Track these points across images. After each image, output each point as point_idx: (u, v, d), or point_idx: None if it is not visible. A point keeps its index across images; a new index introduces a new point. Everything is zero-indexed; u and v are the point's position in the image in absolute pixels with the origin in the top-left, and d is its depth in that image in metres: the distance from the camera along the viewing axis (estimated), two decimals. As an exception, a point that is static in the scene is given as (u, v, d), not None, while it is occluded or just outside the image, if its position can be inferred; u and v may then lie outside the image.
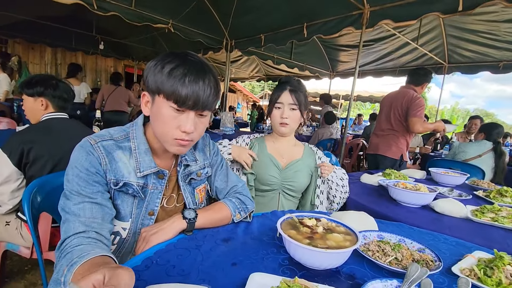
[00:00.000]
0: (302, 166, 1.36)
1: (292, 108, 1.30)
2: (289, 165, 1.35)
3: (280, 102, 1.30)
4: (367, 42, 4.99)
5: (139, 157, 0.80)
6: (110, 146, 0.78)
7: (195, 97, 0.71)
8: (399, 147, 2.56)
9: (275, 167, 1.33)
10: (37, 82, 1.45)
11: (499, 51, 4.33)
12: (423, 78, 2.53)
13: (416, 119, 2.36)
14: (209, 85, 0.73)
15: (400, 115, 2.52)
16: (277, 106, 1.31)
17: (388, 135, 2.62)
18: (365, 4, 2.96)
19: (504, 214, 1.18)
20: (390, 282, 0.62)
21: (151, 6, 3.62)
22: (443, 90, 5.77)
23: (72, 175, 0.71)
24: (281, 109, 1.30)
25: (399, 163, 2.57)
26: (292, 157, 1.38)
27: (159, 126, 0.76)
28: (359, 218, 0.95)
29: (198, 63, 0.74)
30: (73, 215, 0.68)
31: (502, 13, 3.52)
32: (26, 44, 6.99)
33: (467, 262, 0.75)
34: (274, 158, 1.35)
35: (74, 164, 0.72)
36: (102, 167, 0.75)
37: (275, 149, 1.38)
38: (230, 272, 0.64)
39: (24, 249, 1.37)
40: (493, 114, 33.26)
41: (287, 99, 1.29)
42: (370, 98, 10.02)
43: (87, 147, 0.74)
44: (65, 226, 0.67)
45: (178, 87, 0.70)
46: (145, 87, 0.78)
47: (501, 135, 2.64)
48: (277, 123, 1.33)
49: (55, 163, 1.34)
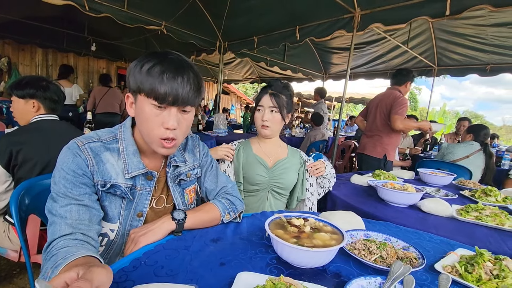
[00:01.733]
0: (289, 164, 1.40)
1: (272, 111, 1.33)
2: (276, 163, 1.38)
3: (260, 105, 1.34)
4: (359, 45, 5.06)
5: (127, 158, 0.80)
6: (98, 148, 0.78)
7: (175, 93, 0.72)
8: (383, 147, 2.66)
9: (262, 166, 1.36)
10: (27, 84, 1.43)
11: (486, 54, 4.44)
12: (405, 77, 2.64)
13: (396, 116, 2.45)
14: (188, 81, 0.74)
15: (385, 115, 2.62)
16: (258, 108, 1.35)
17: (374, 136, 2.72)
18: (356, 7, 3.01)
19: (487, 213, 1.22)
20: (374, 279, 0.63)
21: (144, 8, 3.60)
22: (433, 93, 5.90)
23: (58, 177, 0.71)
24: (262, 112, 1.34)
25: (383, 163, 2.66)
26: (278, 157, 1.42)
27: (143, 126, 0.77)
28: (347, 218, 0.97)
29: (176, 61, 0.75)
30: (60, 217, 0.68)
31: (489, 17, 3.62)
32: (16, 45, 6.86)
33: (449, 259, 0.77)
34: (261, 158, 1.38)
35: (61, 166, 0.72)
36: (89, 168, 0.75)
37: (261, 150, 1.42)
38: (218, 272, 0.64)
39: (12, 253, 1.35)
40: (482, 115, 34.02)
41: (267, 102, 1.33)
42: (362, 100, 10.13)
43: (74, 149, 0.74)
44: (51, 229, 0.67)
45: (157, 85, 0.71)
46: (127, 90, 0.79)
47: (488, 136, 2.71)
48: (259, 125, 1.36)
49: (44, 165, 1.33)
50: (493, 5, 2.20)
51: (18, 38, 6.33)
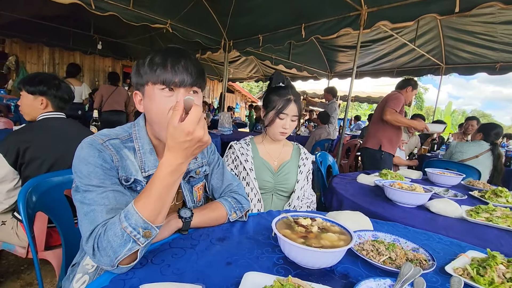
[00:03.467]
0: (292, 167, 1.41)
1: (293, 120, 1.34)
2: (281, 167, 1.39)
3: (285, 113, 1.31)
4: (365, 43, 5.01)
5: (144, 157, 0.81)
6: (118, 145, 0.78)
7: (180, 74, 0.74)
8: (378, 138, 2.78)
9: (268, 171, 1.36)
10: (41, 81, 1.44)
11: (496, 52, 4.36)
12: (407, 83, 2.79)
13: (386, 108, 2.60)
14: (191, 63, 0.76)
15: (381, 110, 2.73)
16: (281, 117, 1.32)
17: (370, 130, 2.93)
18: (362, 5, 2.97)
19: (498, 214, 1.19)
20: (384, 281, 0.62)
21: (149, 6, 3.62)
22: (440, 91, 5.81)
23: (87, 172, 0.69)
24: (285, 120, 1.32)
25: (380, 155, 2.75)
26: (282, 159, 1.42)
27: (153, 114, 0.77)
28: (354, 218, 0.96)
29: (176, 49, 0.78)
30: (98, 205, 0.67)
31: (498, 14, 3.55)
32: (23, 44, 6.96)
33: (460, 261, 0.75)
34: (266, 161, 1.38)
35: (87, 161, 0.70)
36: (115, 163, 0.75)
37: (266, 152, 1.42)
38: (225, 271, 0.64)
39: (20, 249, 1.37)
40: (490, 115, 33.56)
41: (292, 111, 1.32)
42: (367, 98, 10.05)
43: (97, 145, 0.73)
44: (89, 217, 0.65)
45: (162, 70, 0.73)
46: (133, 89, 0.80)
47: (500, 136, 2.66)
48: (277, 132, 1.35)
49: (51, 163, 1.34)
50: (504, 2, 2.16)
51: (25, 37, 6.43)
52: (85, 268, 0.80)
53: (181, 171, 0.64)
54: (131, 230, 0.60)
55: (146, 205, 0.62)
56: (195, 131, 0.59)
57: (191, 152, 0.63)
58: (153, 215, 0.63)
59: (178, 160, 0.62)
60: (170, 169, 0.62)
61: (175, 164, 0.62)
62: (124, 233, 0.60)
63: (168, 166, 0.62)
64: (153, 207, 0.62)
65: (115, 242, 0.60)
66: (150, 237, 0.63)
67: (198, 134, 0.60)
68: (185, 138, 0.60)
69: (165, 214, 0.67)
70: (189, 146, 0.61)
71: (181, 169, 0.64)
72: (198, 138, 0.60)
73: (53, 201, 1.06)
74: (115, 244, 0.59)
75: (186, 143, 0.60)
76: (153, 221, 0.63)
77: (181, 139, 0.60)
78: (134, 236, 0.60)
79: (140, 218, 0.61)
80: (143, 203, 0.62)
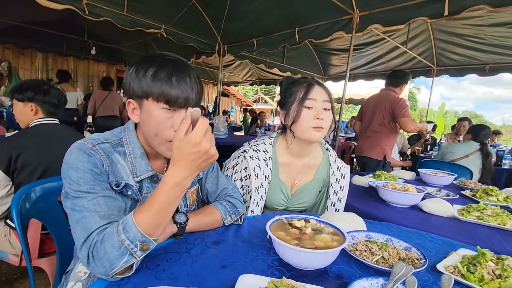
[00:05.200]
0: (312, 187, 1.22)
1: (326, 108, 1.05)
2: (298, 190, 1.20)
3: (312, 98, 1.02)
4: (358, 46, 5.08)
5: (135, 161, 0.80)
6: (108, 149, 0.77)
7: (185, 95, 0.73)
8: (382, 148, 2.67)
9: (282, 193, 1.19)
10: (28, 88, 1.44)
11: (485, 54, 4.45)
12: (401, 80, 2.68)
13: (405, 118, 2.48)
14: (195, 81, 0.76)
15: (383, 117, 2.62)
16: (308, 105, 1.03)
17: (371, 137, 2.73)
18: (355, 9, 3.02)
19: (489, 213, 1.21)
20: (376, 280, 0.63)
21: (144, 11, 3.62)
22: (432, 93, 5.90)
23: (76, 178, 0.68)
24: (314, 109, 1.03)
25: (382, 164, 2.69)
26: (304, 180, 1.21)
27: (151, 130, 0.76)
28: (348, 219, 0.97)
29: (178, 62, 0.76)
30: (90, 211, 0.65)
31: (487, 17, 3.64)
32: (16, 50, 6.90)
33: (451, 259, 0.77)
34: (285, 184, 1.18)
35: (76, 166, 0.69)
36: (105, 168, 0.73)
37: (288, 171, 1.16)
38: (220, 275, 0.64)
39: (13, 257, 1.35)
40: (481, 115, 34.15)
41: (320, 95, 1.03)
42: (362, 100, 10.14)
43: (86, 150, 0.72)
44: (82, 224, 0.64)
45: (167, 88, 0.71)
46: (126, 95, 0.79)
47: (488, 136, 2.72)
48: (308, 128, 1.04)
49: (44, 169, 1.33)
50: (492, 5, 2.21)
51: (18, 42, 6.37)
52: (78, 275, 0.80)
53: (185, 185, 0.63)
54: (128, 243, 0.59)
55: (146, 218, 0.61)
56: (201, 142, 0.58)
57: (197, 166, 0.61)
58: (152, 228, 0.62)
59: (183, 174, 0.61)
60: (173, 183, 0.61)
61: (179, 178, 0.61)
62: (121, 246, 0.59)
63: (172, 180, 0.61)
64: (153, 220, 0.62)
65: (112, 254, 0.59)
66: (148, 250, 0.62)
67: (205, 145, 0.59)
68: (191, 149, 0.59)
69: (165, 227, 0.67)
70: (195, 158, 0.60)
71: (185, 183, 0.62)
72: (205, 150, 0.59)
73: (47, 208, 1.06)
74: (112, 256, 0.58)
75: (192, 155, 0.59)
76: (152, 234, 0.62)
77: (187, 150, 0.59)
78: (131, 249, 0.59)
79: (138, 232, 0.60)
80: (144, 216, 0.61)
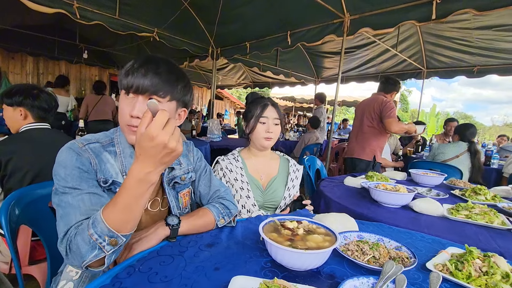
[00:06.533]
0: (279, 182, 1.39)
1: (275, 124, 1.35)
2: (268, 184, 1.37)
3: (265, 116, 1.33)
4: (349, 49, 5.15)
5: (125, 160, 0.82)
6: (98, 149, 0.80)
7: (138, 81, 0.75)
8: (372, 148, 2.75)
9: (257, 189, 1.34)
10: (17, 92, 1.43)
11: (472, 56, 4.56)
12: (392, 87, 2.79)
13: (390, 119, 2.56)
14: (157, 71, 0.76)
15: (372, 119, 2.70)
16: (262, 121, 1.34)
17: (361, 139, 2.81)
18: (345, 12, 3.07)
19: (477, 211, 1.24)
20: (367, 280, 0.64)
21: (136, 15, 3.61)
22: (423, 94, 6.01)
23: (64, 174, 0.71)
24: (266, 124, 1.34)
25: (372, 164, 2.75)
26: (270, 174, 1.40)
27: (119, 119, 0.80)
28: (340, 220, 0.98)
29: (151, 57, 0.79)
30: (73, 207, 0.68)
31: (474, 21, 3.74)
32: (6, 54, 6.79)
33: (440, 258, 0.79)
34: (255, 179, 1.36)
35: (65, 164, 0.72)
36: (93, 167, 0.76)
37: (254, 168, 1.39)
38: (213, 277, 0.65)
39: (2, 264, 1.32)
40: (472, 116, 34.86)
41: (272, 113, 1.34)
42: (354, 103, 10.26)
43: (76, 149, 0.75)
44: (64, 220, 0.67)
45: (124, 75, 0.76)
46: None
47: (474, 135, 2.78)
48: (261, 138, 1.34)
49: (35, 175, 1.32)
50: (477, 9, 2.27)
51: (8, 46, 6.27)
52: (69, 275, 0.80)
53: (150, 181, 0.61)
54: (96, 237, 0.61)
55: (112, 214, 0.62)
56: (158, 136, 0.56)
57: (159, 160, 0.59)
58: (120, 224, 0.62)
59: (146, 169, 0.59)
60: (137, 178, 0.60)
61: (143, 173, 0.60)
62: (90, 240, 0.61)
63: (136, 175, 0.60)
64: (120, 216, 0.62)
65: (83, 247, 0.61)
66: (117, 245, 0.63)
67: (161, 139, 0.56)
68: (148, 143, 0.57)
69: (136, 223, 0.67)
70: (155, 153, 0.58)
71: (150, 178, 0.61)
72: (163, 143, 0.57)
73: (38, 214, 1.05)
74: (83, 250, 0.61)
75: (151, 149, 0.58)
76: (120, 230, 0.62)
77: (145, 144, 0.57)
78: (100, 243, 0.61)
79: (105, 227, 0.61)
80: (110, 212, 0.62)
